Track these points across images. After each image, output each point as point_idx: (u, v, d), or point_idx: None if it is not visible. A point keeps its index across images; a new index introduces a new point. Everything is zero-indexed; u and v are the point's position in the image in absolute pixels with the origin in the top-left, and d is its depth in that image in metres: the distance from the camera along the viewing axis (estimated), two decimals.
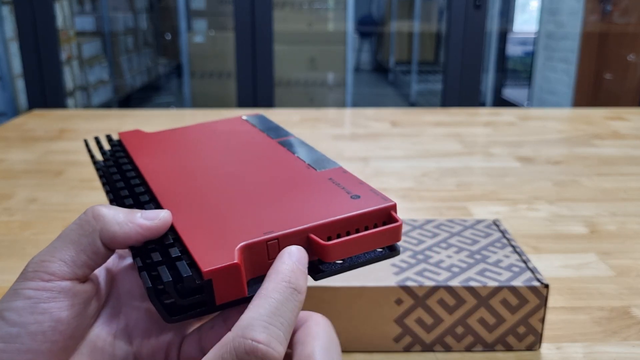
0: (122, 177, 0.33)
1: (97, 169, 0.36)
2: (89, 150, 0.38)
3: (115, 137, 0.51)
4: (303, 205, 0.27)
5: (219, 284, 0.24)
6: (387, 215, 0.27)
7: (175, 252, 0.25)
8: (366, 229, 0.27)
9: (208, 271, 0.23)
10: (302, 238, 0.25)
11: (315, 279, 0.26)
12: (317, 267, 0.26)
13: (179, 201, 0.29)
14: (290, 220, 0.26)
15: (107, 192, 0.32)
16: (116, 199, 0.31)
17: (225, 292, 0.24)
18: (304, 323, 0.25)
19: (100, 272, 0.28)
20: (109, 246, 0.25)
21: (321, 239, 0.25)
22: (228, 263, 0.23)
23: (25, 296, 0.23)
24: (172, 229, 0.27)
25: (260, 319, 0.22)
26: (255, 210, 0.27)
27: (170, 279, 0.23)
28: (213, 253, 0.24)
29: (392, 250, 0.27)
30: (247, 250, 0.24)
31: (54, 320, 0.23)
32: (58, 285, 0.24)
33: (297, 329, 0.25)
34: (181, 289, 0.24)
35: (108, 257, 0.26)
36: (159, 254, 0.25)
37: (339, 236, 0.26)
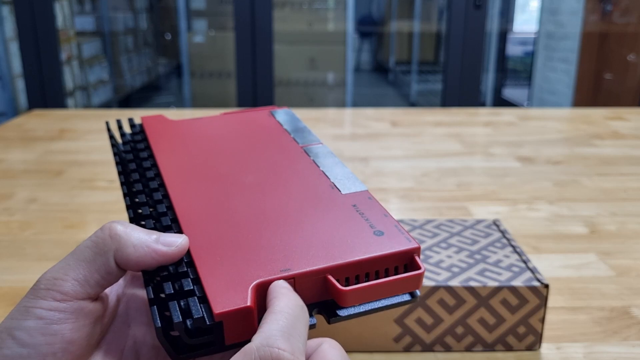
0: (140, 175, 0.32)
1: (115, 154, 0.35)
2: (110, 134, 0.37)
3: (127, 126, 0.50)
4: (323, 240, 0.26)
5: (230, 326, 0.23)
6: (409, 258, 0.26)
7: (187, 284, 0.24)
8: (386, 270, 0.26)
9: (219, 313, 0.23)
10: (319, 278, 0.25)
11: (329, 322, 0.25)
12: (333, 311, 0.25)
13: (196, 219, 0.28)
14: (308, 258, 0.25)
15: (122, 184, 0.32)
16: (132, 201, 0.30)
17: (235, 333, 0.23)
18: (317, 347, 0.25)
19: (110, 289, 0.28)
20: (122, 267, 0.25)
21: (339, 278, 0.25)
22: (241, 306, 0.23)
23: (37, 316, 0.23)
24: (187, 252, 0.26)
25: (281, 329, 0.22)
26: (273, 242, 0.26)
27: (181, 320, 0.23)
28: (226, 292, 0.23)
29: (411, 297, 0.26)
30: (262, 287, 0.24)
31: (65, 342, 0.23)
32: (71, 306, 0.23)
33: (311, 353, 0.24)
34: (191, 326, 0.23)
35: (121, 277, 0.25)
36: (170, 286, 0.24)
37: (357, 277, 0.25)
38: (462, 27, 2.23)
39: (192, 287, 0.24)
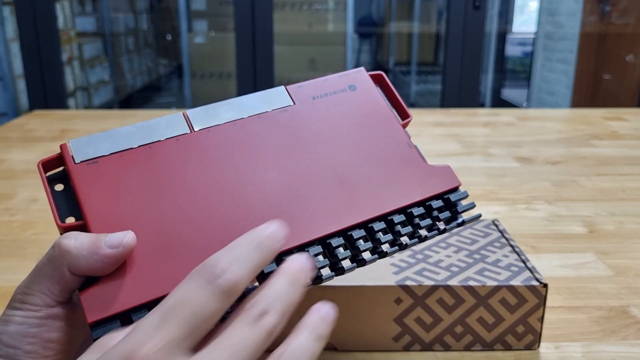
0: None
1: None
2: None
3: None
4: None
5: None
6: None
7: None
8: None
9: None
10: None
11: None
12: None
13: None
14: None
15: None
16: None
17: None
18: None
19: None
20: (78, 275, 0.27)
21: None
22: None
23: (17, 322, 0.27)
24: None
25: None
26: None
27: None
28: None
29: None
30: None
31: (44, 341, 0.27)
32: (45, 313, 0.27)
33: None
34: None
35: (82, 281, 0.28)
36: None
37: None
38: (462, 28, 2.23)
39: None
